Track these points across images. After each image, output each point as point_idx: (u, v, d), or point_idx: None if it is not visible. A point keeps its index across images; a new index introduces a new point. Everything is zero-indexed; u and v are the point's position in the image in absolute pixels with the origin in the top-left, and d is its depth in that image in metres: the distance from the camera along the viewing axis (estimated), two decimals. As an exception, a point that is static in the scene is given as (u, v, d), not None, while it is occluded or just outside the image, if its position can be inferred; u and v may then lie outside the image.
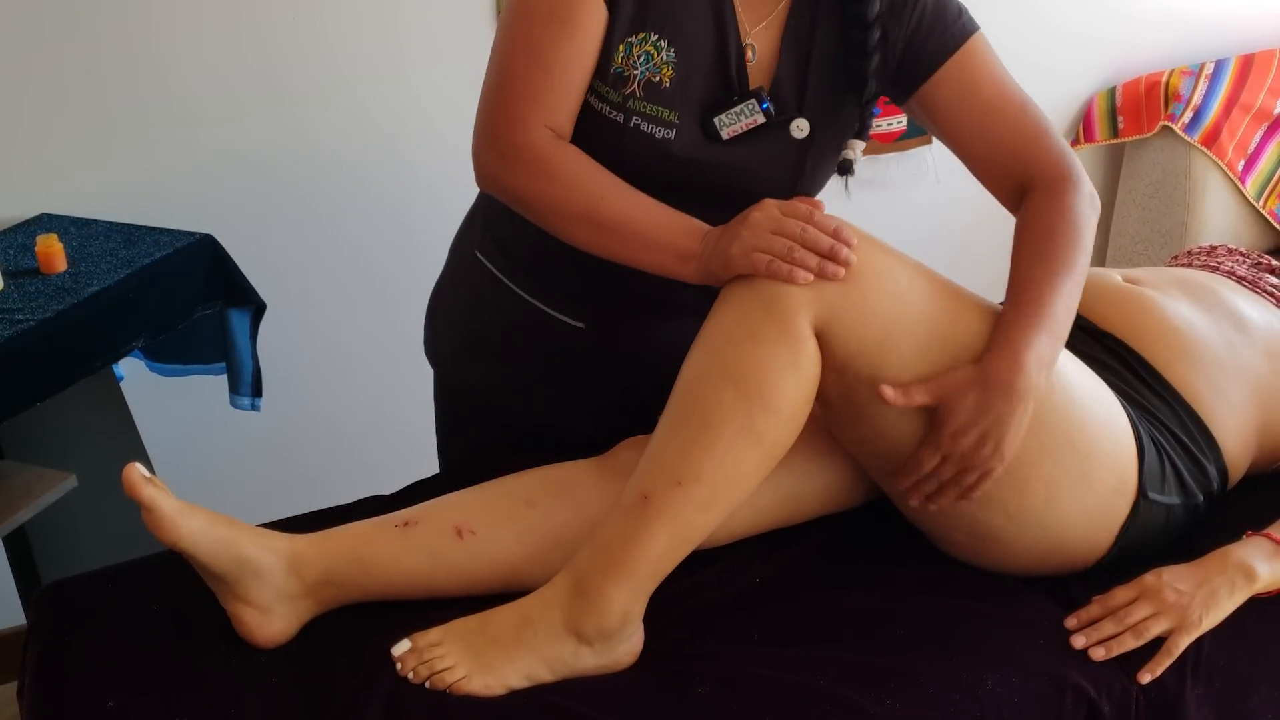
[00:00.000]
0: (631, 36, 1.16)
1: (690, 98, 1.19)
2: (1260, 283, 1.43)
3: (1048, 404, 1.10)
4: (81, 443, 1.86)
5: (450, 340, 1.46)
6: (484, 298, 1.38)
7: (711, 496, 1.06)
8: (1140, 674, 1.11)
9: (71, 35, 1.90)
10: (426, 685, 1.06)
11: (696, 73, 1.18)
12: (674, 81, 1.17)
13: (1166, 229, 2.78)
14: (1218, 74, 2.76)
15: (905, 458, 1.12)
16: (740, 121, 1.20)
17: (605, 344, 1.35)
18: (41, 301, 1.64)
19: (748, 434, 1.05)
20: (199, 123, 2.03)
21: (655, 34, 1.16)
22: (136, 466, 1.05)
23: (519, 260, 1.34)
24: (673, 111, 1.18)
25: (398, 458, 1.77)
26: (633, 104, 1.17)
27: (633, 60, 1.16)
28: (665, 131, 1.18)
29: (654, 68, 1.17)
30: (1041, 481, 1.13)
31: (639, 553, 1.06)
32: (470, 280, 1.40)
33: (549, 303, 1.34)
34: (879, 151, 2.65)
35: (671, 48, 1.17)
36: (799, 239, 1.05)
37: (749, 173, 1.23)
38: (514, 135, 1.15)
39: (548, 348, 1.37)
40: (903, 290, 1.08)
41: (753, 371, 1.05)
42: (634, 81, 1.17)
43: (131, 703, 1.05)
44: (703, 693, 1.06)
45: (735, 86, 1.20)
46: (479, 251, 1.38)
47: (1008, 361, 1.06)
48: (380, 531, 1.16)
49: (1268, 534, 1.18)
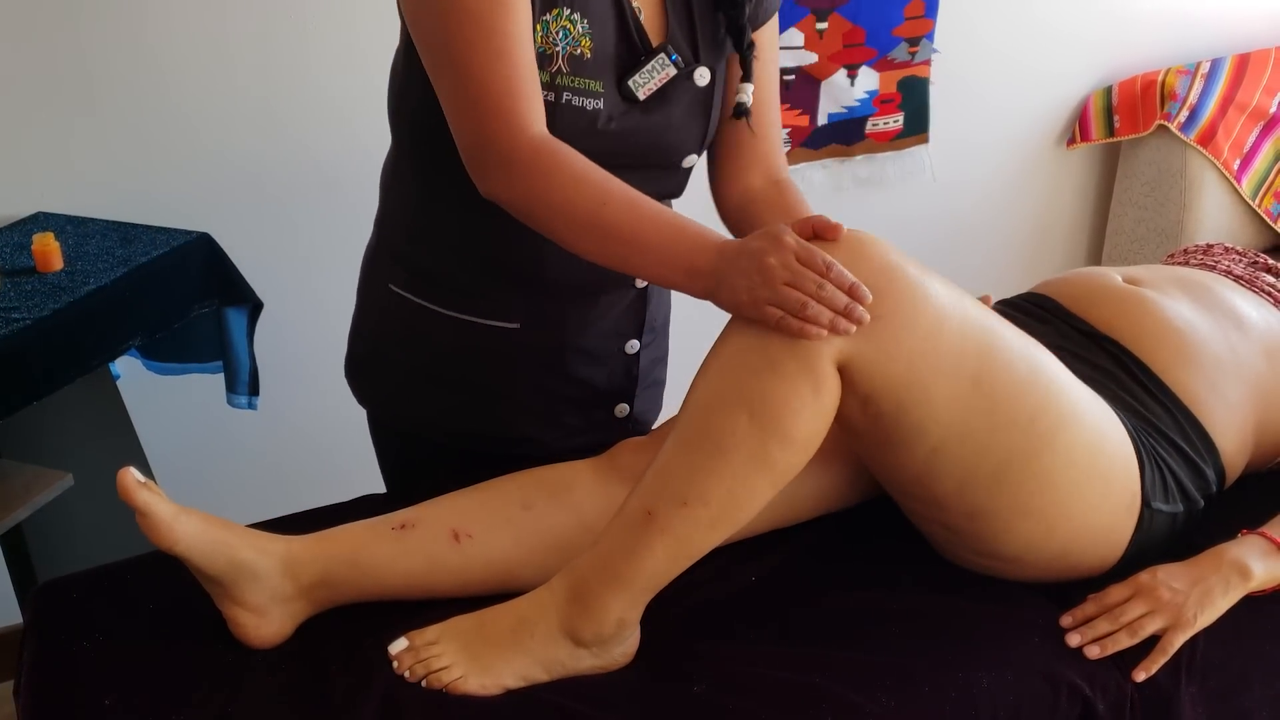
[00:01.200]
0: (546, 14, 1.14)
1: (608, 65, 1.19)
2: (1257, 281, 1.43)
3: (1078, 440, 1.11)
4: (78, 442, 1.86)
5: (386, 385, 1.40)
6: (412, 330, 1.34)
7: (717, 519, 1.05)
8: (1135, 672, 1.11)
9: (67, 33, 1.90)
10: (423, 684, 1.06)
11: (607, 40, 1.19)
12: (594, 51, 1.17)
13: (1162, 228, 2.78)
14: (1214, 73, 2.76)
15: (925, 483, 1.12)
16: (654, 79, 1.20)
17: (543, 337, 1.32)
18: (38, 300, 1.64)
19: (760, 461, 1.04)
20: (195, 121, 2.03)
21: (567, 8, 1.15)
22: (131, 471, 1.05)
23: (438, 280, 1.30)
24: (598, 81, 1.18)
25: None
26: (560, 80, 1.16)
27: (552, 37, 1.15)
28: (594, 102, 1.18)
29: (573, 40, 1.16)
30: (1064, 515, 1.13)
31: (639, 567, 1.05)
32: (392, 318, 1.35)
33: (479, 313, 1.30)
34: (875, 150, 2.65)
35: (584, 19, 1.16)
36: (814, 295, 1.00)
37: (669, 129, 1.24)
38: (508, 141, 1.10)
39: (490, 359, 1.33)
40: (932, 327, 1.05)
41: (771, 402, 1.02)
42: (558, 58, 1.15)
43: (127, 702, 1.05)
44: (699, 691, 1.06)
45: (640, 46, 1.20)
46: (393, 286, 1.34)
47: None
48: (376, 534, 1.16)
49: (1263, 532, 1.18)
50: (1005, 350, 1.09)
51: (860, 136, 2.63)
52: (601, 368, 1.36)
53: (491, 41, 1.09)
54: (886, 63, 2.57)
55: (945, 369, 1.05)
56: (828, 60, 2.51)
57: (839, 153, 2.62)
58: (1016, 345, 1.11)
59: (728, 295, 1.04)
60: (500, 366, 1.33)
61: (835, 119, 2.58)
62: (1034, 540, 1.15)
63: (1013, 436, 1.09)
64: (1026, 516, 1.13)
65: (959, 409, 1.07)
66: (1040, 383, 1.10)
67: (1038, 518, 1.13)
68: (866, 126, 2.62)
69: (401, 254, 1.33)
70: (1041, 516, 1.13)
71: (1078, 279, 1.42)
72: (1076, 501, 1.13)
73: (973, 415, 1.07)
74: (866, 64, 2.55)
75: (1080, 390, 1.15)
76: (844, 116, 2.59)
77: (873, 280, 1.03)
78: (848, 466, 1.27)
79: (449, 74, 1.12)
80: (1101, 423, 1.15)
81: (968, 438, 1.08)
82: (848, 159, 2.64)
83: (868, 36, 2.52)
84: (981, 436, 1.08)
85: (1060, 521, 1.14)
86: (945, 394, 1.06)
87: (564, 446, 1.36)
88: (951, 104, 2.67)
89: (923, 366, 1.05)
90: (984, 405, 1.07)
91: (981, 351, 1.07)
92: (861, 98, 2.58)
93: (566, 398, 1.36)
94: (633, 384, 1.40)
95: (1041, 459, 1.10)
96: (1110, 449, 1.15)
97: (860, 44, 2.52)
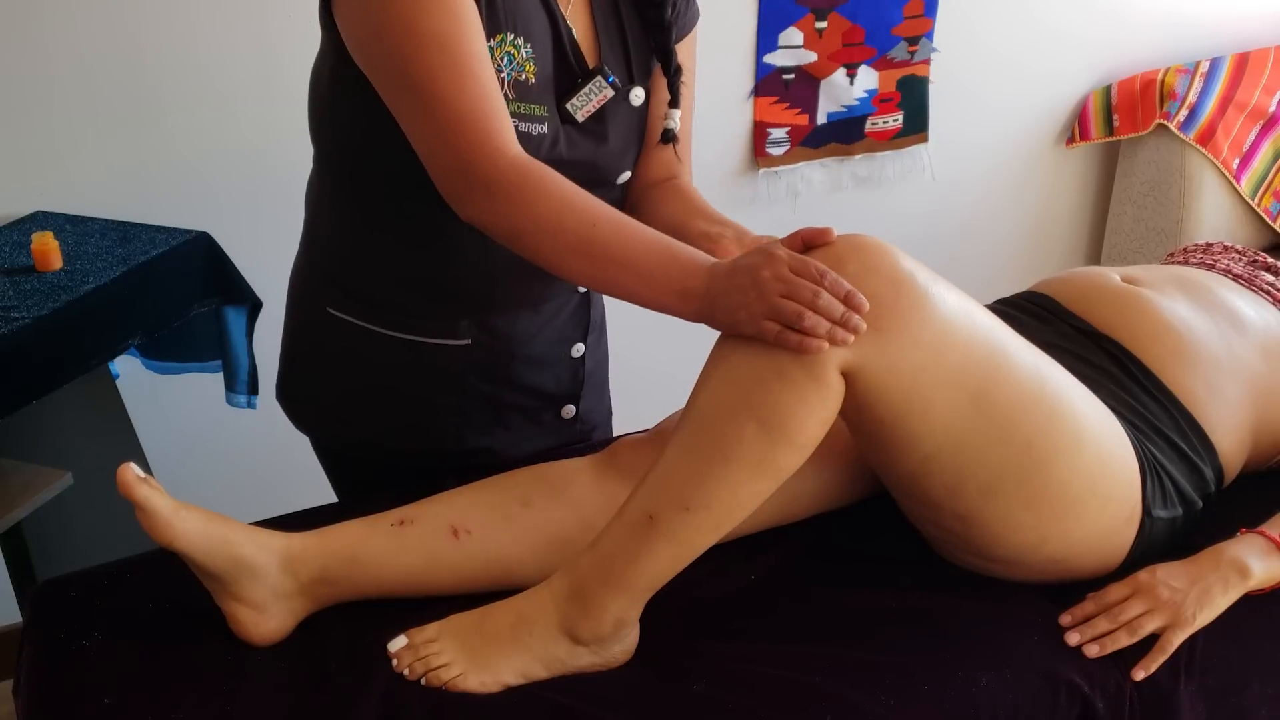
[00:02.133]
0: (491, 40, 1.11)
1: (549, 89, 1.18)
2: (1256, 280, 1.43)
3: (1078, 465, 1.11)
4: (77, 441, 1.86)
5: (324, 408, 1.38)
6: (352, 352, 1.30)
7: (719, 522, 1.05)
8: (1134, 671, 1.11)
9: (66, 32, 1.90)
10: (422, 682, 1.06)
11: (547, 64, 1.18)
12: (537, 76, 1.16)
13: (1162, 227, 2.79)
14: (1213, 72, 2.76)
15: (918, 484, 1.12)
16: (591, 100, 1.20)
17: (492, 350, 1.30)
18: (37, 299, 1.64)
19: (764, 467, 1.03)
20: (194, 120, 2.03)
21: (510, 33, 1.13)
22: (131, 466, 1.05)
23: (379, 303, 1.27)
24: (542, 106, 1.17)
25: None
26: (509, 106, 1.13)
27: (498, 63, 1.12)
28: (540, 127, 1.16)
29: (518, 66, 1.14)
30: (1058, 529, 1.13)
31: (639, 569, 1.05)
32: (330, 340, 1.32)
33: (427, 333, 1.28)
34: (875, 149, 2.65)
35: (528, 43, 1.15)
36: (810, 304, 0.98)
37: (606, 152, 1.24)
38: (489, 165, 1.07)
39: (437, 376, 1.30)
40: (938, 341, 1.04)
41: (779, 411, 1.02)
42: (505, 84, 1.13)
43: (126, 700, 1.05)
44: (698, 689, 1.06)
45: (577, 69, 1.20)
46: (331, 308, 1.30)
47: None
48: (375, 530, 1.16)
49: (1262, 531, 1.18)
50: (1011, 369, 1.08)
51: (859, 135, 2.63)
52: (549, 373, 1.37)
53: (458, 62, 1.05)
54: (886, 62, 2.57)
55: (947, 382, 1.05)
56: (827, 59, 2.51)
57: (838, 152, 2.62)
58: (1023, 363, 1.10)
59: (724, 315, 1.02)
60: (448, 382, 1.31)
61: (835, 118, 2.58)
62: (1027, 547, 1.14)
63: (1007, 454, 1.08)
64: (1018, 528, 1.12)
65: (955, 422, 1.06)
66: (1043, 406, 1.09)
67: (1029, 530, 1.13)
68: (866, 125, 2.62)
69: (334, 276, 1.30)
70: (1032, 529, 1.13)
71: (1076, 278, 1.42)
72: (1070, 520, 1.13)
73: (968, 430, 1.07)
74: (866, 63, 2.55)
75: (1091, 414, 1.14)
76: (843, 115, 2.59)
77: (881, 292, 1.02)
78: (848, 465, 1.27)
79: (413, 99, 1.08)
80: (1109, 447, 1.14)
81: (961, 450, 1.08)
82: (847, 158, 2.64)
83: (867, 35, 2.52)
84: (975, 450, 1.08)
85: (1053, 535, 1.13)
86: (943, 407, 1.05)
87: (513, 454, 1.35)
88: (951, 103, 2.67)
89: (925, 380, 1.04)
90: (980, 422, 1.07)
91: (986, 368, 1.06)
92: (861, 97, 2.58)
93: (515, 405, 1.35)
94: (579, 385, 1.41)
95: (1034, 481, 1.10)
96: (1114, 472, 1.14)
97: (860, 43, 2.52)
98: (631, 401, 1.73)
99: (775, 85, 2.49)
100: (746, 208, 2.57)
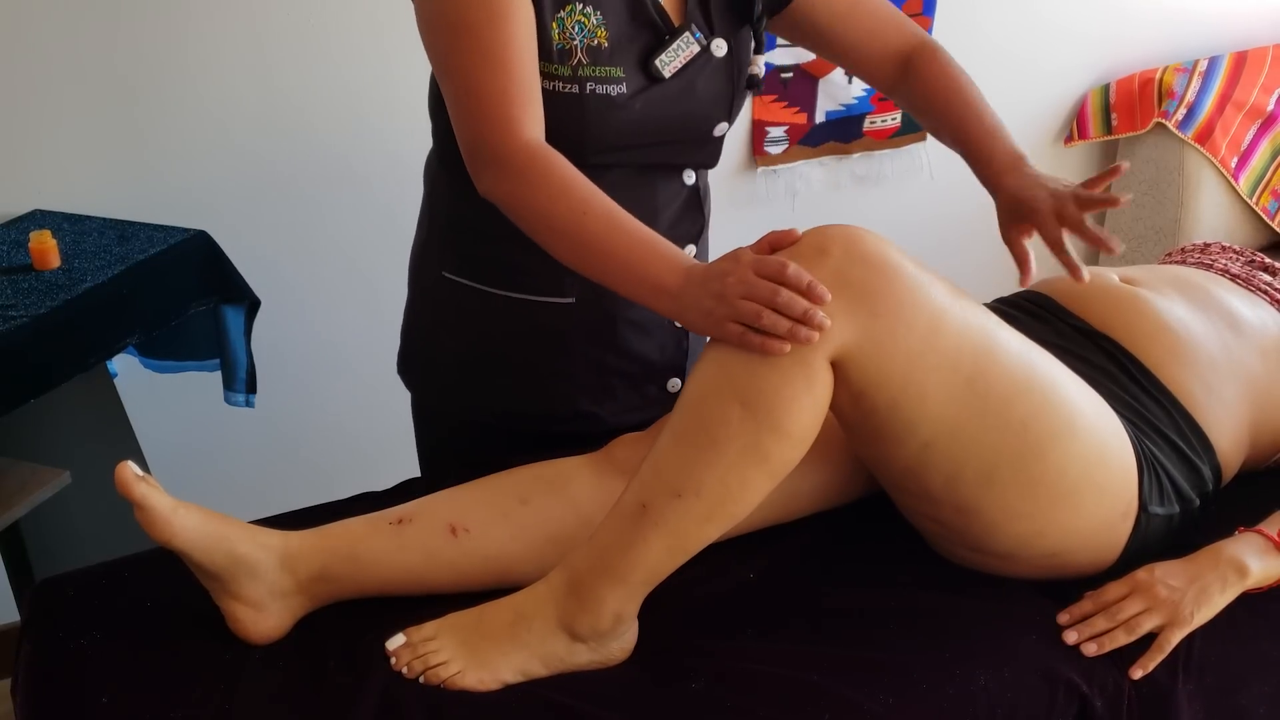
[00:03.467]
0: (561, 11, 1.20)
1: (627, 50, 1.23)
2: (1254, 280, 1.44)
3: (1073, 451, 1.11)
4: (75, 440, 1.86)
5: (440, 373, 1.44)
6: (470, 315, 1.38)
7: (711, 511, 1.05)
8: (1132, 669, 1.11)
9: (63, 30, 1.90)
10: (420, 680, 1.06)
11: (624, 26, 1.23)
12: (610, 40, 1.22)
13: (1160, 226, 2.79)
14: (1211, 71, 2.76)
15: (915, 476, 1.13)
16: (679, 57, 1.25)
17: (596, 310, 1.35)
18: (35, 298, 1.64)
19: (753, 453, 1.04)
20: (192, 118, 2.03)
21: (580, 3, 1.20)
22: (129, 465, 1.05)
23: (489, 262, 1.35)
24: (618, 68, 1.22)
25: (391, 454, 1.77)
26: (583, 71, 1.21)
27: (569, 32, 1.20)
28: (617, 88, 1.23)
29: (589, 33, 1.21)
30: (1055, 520, 1.13)
31: (634, 560, 1.06)
32: (448, 305, 1.40)
33: (535, 290, 1.34)
34: (873, 148, 2.65)
35: (597, 10, 1.21)
36: (769, 303, 1.00)
37: (695, 101, 1.28)
38: (502, 145, 1.14)
39: (545, 336, 1.37)
40: (930, 327, 1.05)
41: (765, 393, 1.03)
42: (577, 51, 1.20)
43: (125, 699, 1.05)
44: (697, 688, 1.06)
45: (663, 26, 1.25)
46: (448, 273, 1.38)
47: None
48: (374, 528, 1.16)
49: (1260, 530, 1.18)
50: (1003, 354, 1.09)
51: (858, 134, 2.63)
52: (653, 340, 1.40)
53: (490, 53, 1.14)
54: (884, 61, 2.57)
55: (941, 367, 1.05)
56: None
57: (837, 150, 2.62)
58: (1014, 350, 1.11)
59: (694, 317, 1.06)
60: (555, 344, 1.37)
61: (833, 116, 2.58)
62: (1024, 539, 1.15)
63: (1004, 439, 1.09)
64: (1016, 518, 1.13)
65: (951, 407, 1.07)
66: (1036, 390, 1.10)
67: (1027, 520, 1.13)
68: (864, 124, 2.62)
69: (449, 240, 1.38)
70: (1030, 520, 1.13)
71: (1074, 277, 1.42)
72: (1067, 509, 1.13)
73: (965, 414, 1.07)
74: (864, 62, 2.55)
75: (1086, 403, 1.14)
76: (842, 114, 2.59)
77: (872, 279, 1.03)
78: (846, 463, 1.27)
79: (450, 82, 1.18)
80: (1103, 437, 1.14)
81: (958, 435, 1.08)
82: (845, 157, 2.64)
83: (866, 34, 2.52)
84: (971, 435, 1.08)
85: (1051, 525, 1.14)
86: (938, 392, 1.06)
87: (619, 423, 1.39)
88: (949, 102, 2.67)
89: (919, 365, 1.05)
90: (976, 404, 1.07)
91: (978, 352, 1.07)
92: (859, 95, 2.58)
93: (620, 371, 1.39)
94: (683, 357, 1.43)
95: (1030, 467, 1.10)
96: (1111, 462, 1.14)
97: (858, 42, 2.52)
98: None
99: (774, 84, 2.49)
100: (745, 206, 2.57)
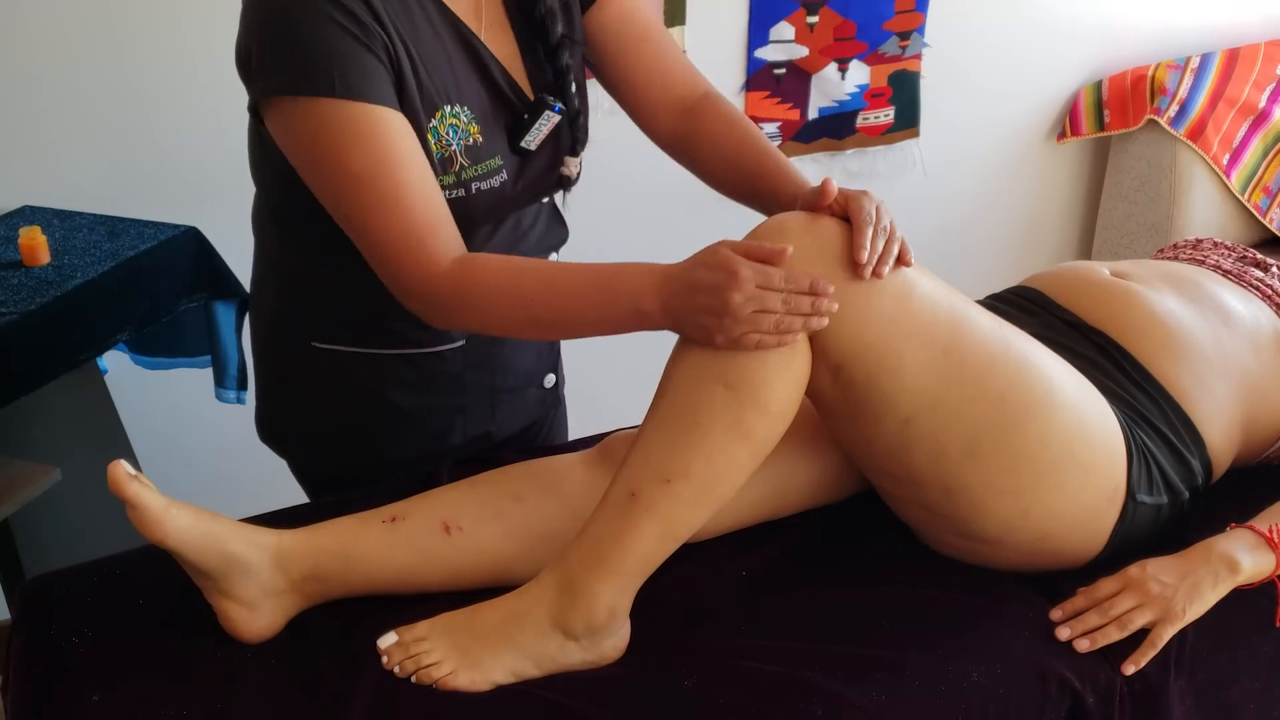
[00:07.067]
0: (433, 120, 1.15)
1: (497, 136, 1.21)
2: (1245, 276, 1.44)
3: (1053, 423, 1.12)
4: (66, 436, 1.86)
5: (329, 434, 1.37)
6: (354, 379, 1.31)
7: (699, 493, 1.06)
8: (1124, 665, 1.12)
9: (53, 25, 1.89)
10: (412, 680, 1.06)
11: (489, 112, 1.21)
12: (483, 133, 1.19)
13: (1152, 222, 2.79)
14: (1203, 68, 2.77)
15: (899, 457, 1.13)
16: (541, 131, 1.23)
17: (484, 340, 1.33)
18: (24, 294, 1.63)
19: (737, 431, 1.05)
20: (182, 114, 2.02)
21: (448, 105, 1.16)
22: (121, 463, 1.04)
23: (370, 325, 1.28)
24: (495, 157, 1.20)
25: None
26: (466, 174, 1.18)
27: (444, 139, 1.16)
28: (499, 178, 1.21)
29: (463, 133, 1.17)
30: (1040, 498, 1.14)
31: (626, 550, 1.06)
32: (327, 372, 1.32)
33: (424, 343, 1.30)
34: (866, 144, 2.66)
35: (465, 107, 1.18)
36: (781, 311, 1.03)
37: (557, 155, 1.27)
38: (425, 284, 1.11)
39: (441, 381, 1.33)
40: (901, 292, 1.07)
41: (746, 372, 1.05)
42: (458, 157, 1.17)
43: (115, 697, 1.05)
44: (690, 685, 1.06)
45: (519, 103, 1.23)
46: (318, 343, 1.31)
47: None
48: (367, 527, 1.16)
49: (1251, 526, 1.19)
50: (975, 325, 1.12)
51: (851, 130, 2.63)
52: (531, 349, 1.41)
53: (385, 199, 1.09)
54: (877, 57, 2.57)
55: (916, 335, 1.07)
56: (818, 54, 2.51)
57: (830, 146, 2.62)
58: (986, 323, 1.13)
59: (700, 335, 1.06)
60: (450, 384, 1.34)
61: (826, 113, 2.58)
62: (1011, 520, 1.15)
63: (983, 409, 1.10)
64: (1001, 495, 1.13)
65: (931, 377, 1.08)
66: (1011, 362, 1.12)
67: (1012, 497, 1.13)
68: (857, 120, 2.62)
69: (312, 309, 1.31)
70: (1016, 496, 1.13)
71: (1065, 272, 1.42)
72: (1051, 486, 1.13)
73: (944, 383, 1.08)
74: (857, 58, 2.55)
75: (1065, 378, 1.16)
76: (835, 110, 2.59)
77: (838, 259, 1.06)
78: (836, 458, 1.27)
79: (352, 230, 1.13)
80: (1085, 412, 1.15)
81: (938, 408, 1.09)
82: (838, 153, 2.64)
83: (858, 30, 2.52)
84: (951, 408, 1.09)
85: (1036, 504, 1.14)
86: (916, 361, 1.07)
87: (507, 433, 1.41)
88: (942, 98, 2.68)
89: (894, 332, 1.07)
90: (955, 373, 1.08)
91: (952, 321, 1.10)
92: (852, 91, 2.58)
93: (507, 388, 1.39)
94: (556, 355, 1.46)
95: (1012, 437, 1.11)
96: (1094, 439, 1.15)
97: (851, 38, 2.52)
98: (630, 400, 1.72)
99: (766, 80, 2.49)
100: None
